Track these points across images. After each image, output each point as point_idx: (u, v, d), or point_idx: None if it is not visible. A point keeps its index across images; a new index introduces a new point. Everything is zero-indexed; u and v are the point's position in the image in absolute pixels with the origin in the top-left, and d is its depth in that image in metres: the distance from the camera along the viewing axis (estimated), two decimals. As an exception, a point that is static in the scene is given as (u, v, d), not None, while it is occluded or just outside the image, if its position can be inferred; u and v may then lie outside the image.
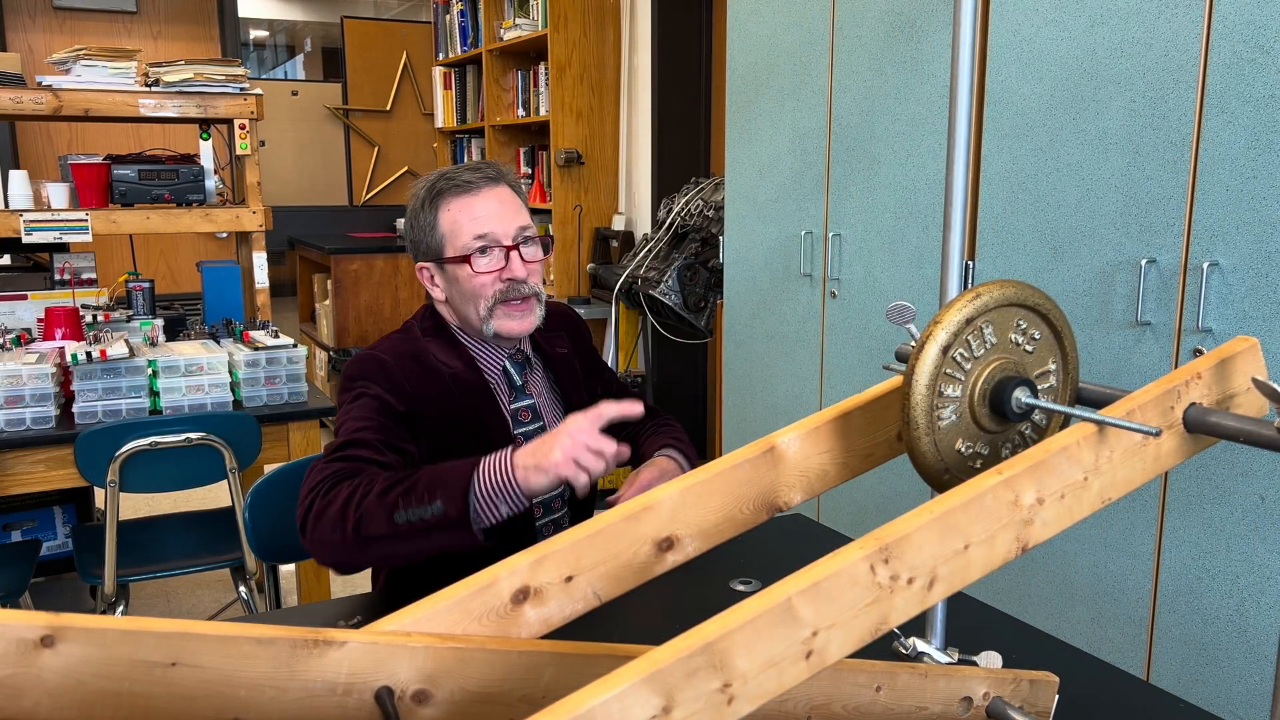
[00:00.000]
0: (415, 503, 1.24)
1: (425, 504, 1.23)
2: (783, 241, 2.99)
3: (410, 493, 1.25)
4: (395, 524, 1.24)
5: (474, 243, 1.51)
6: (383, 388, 1.49)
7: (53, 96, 2.90)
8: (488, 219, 1.52)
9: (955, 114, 0.97)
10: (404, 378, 1.51)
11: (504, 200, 1.54)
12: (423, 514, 1.23)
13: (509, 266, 1.52)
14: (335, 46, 6.74)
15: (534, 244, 1.56)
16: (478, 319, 1.54)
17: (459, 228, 1.52)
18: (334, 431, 1.49)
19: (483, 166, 1.57)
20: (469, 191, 1.53)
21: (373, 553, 1.29)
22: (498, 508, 1.24)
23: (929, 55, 2.45)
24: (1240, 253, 1.81)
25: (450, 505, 1.22)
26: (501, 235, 1.52)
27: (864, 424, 0.85)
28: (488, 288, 1.52)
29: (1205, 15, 1.84)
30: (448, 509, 1.22)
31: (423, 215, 1.56)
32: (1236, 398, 0.79)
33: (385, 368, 1.52)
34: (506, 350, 1.61)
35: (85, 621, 0.58)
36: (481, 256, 1.51)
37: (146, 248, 5.87)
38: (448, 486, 1.24)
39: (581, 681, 0.54)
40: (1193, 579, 1.94)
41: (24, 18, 5.73)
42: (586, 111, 4.53)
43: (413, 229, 1.59)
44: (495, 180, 1.55)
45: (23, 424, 2.30)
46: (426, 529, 1.23)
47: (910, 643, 0.98)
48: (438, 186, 1.55)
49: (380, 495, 1.26)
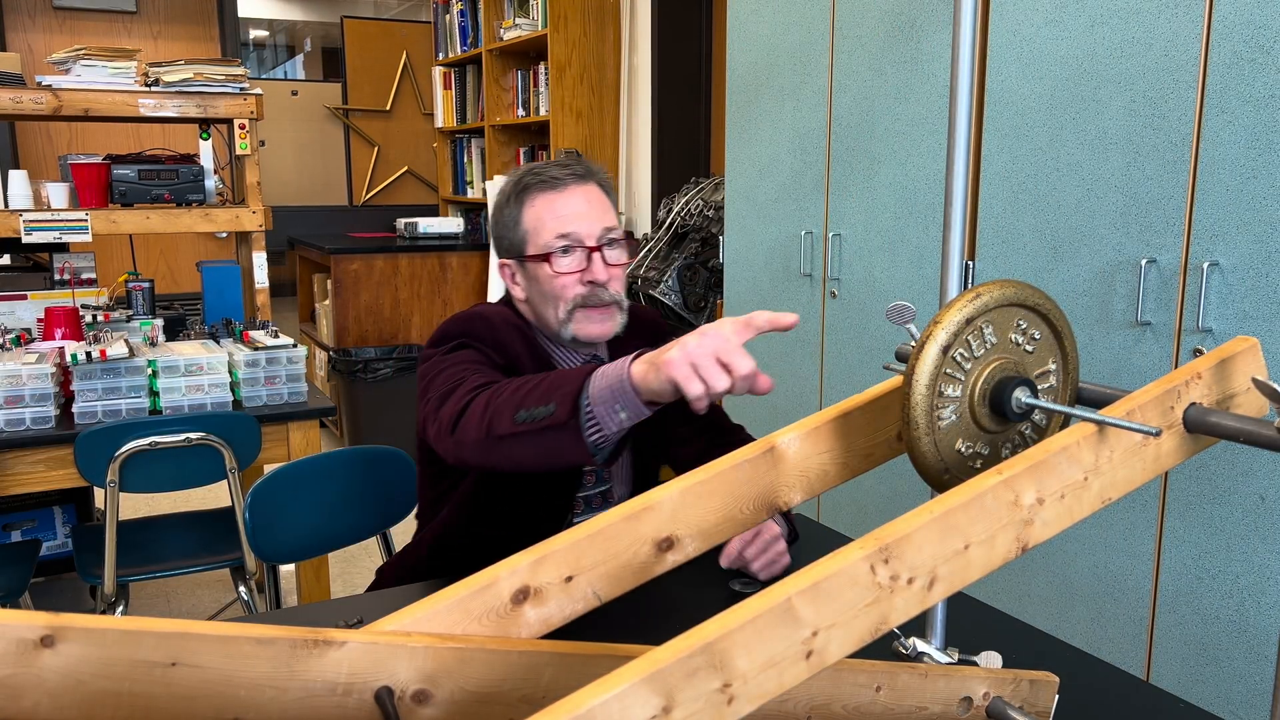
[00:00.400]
0: (535, 401, 1.15)
1: (542, 404, 1.14)
2: (783, 241, 2.99)
3: (533, 391, 1.17)
4: (516, 423, 1.16)
5: (556, 241, 1.46)
6: (486, 343, 1.45)
7: (52, 96, 2.90)
8: (572, 218, 1.47)
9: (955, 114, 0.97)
10: (508, 339, 1.48)
11: (591, 200, 1.49)
12: (538, 414, 1.14)
13: (590, 268, 1.47)
14: (335, 46, 6.74)
15: (619, 247, 1.51)
16: (555, 321, 1.49)
17: (542, 225, 1.48)
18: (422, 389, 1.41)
19: (572, 163, 1.52)
20: (555, 188, 1.49)
21: (501, 452, 1.21)
22: (615, 413, 1.10)
23: (929, 55, 2.45)
24: (1240, 253, 1.81)
25: (561, 406, 1.12)
26: (585, 235, 1.47)
27: (864, 424, 0.85)
28: (568, 289, 1.47)
29: (1205, 15, 1.84)
30: (558, 410, 1.12)
31: (508, 210, 1.52)
32: (1236, 398, 0.79)
33: (491, 324, 1.48)
34: (583, 355, 1.57)
35: (85, 621, 0.58)
36: (563, 256, 1.47)
37: (146, 248, 5.87)
38: (563, 386, 1.14)
39: (581, 681, 0.54)
40: (1193, 579, 1.94)
41: (24, 18, 5.73)
42: (586, 111, 4.53)
43: (497, 224, 1.55)
44: (583, 178, 1.50)
45: (22, 424, 2.30)
46: (540, 430, 1.14)
47: (910, 643, 0.98)
48: (524, 181, 1.51)
49: (513, 392, 1.20)
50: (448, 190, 5.95)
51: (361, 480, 2.04)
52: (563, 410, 1.11)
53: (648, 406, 1.09)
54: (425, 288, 5.03)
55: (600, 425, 1.10)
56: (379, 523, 2.05)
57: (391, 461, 2.06)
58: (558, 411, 1.12)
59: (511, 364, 1.46)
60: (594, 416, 1.10)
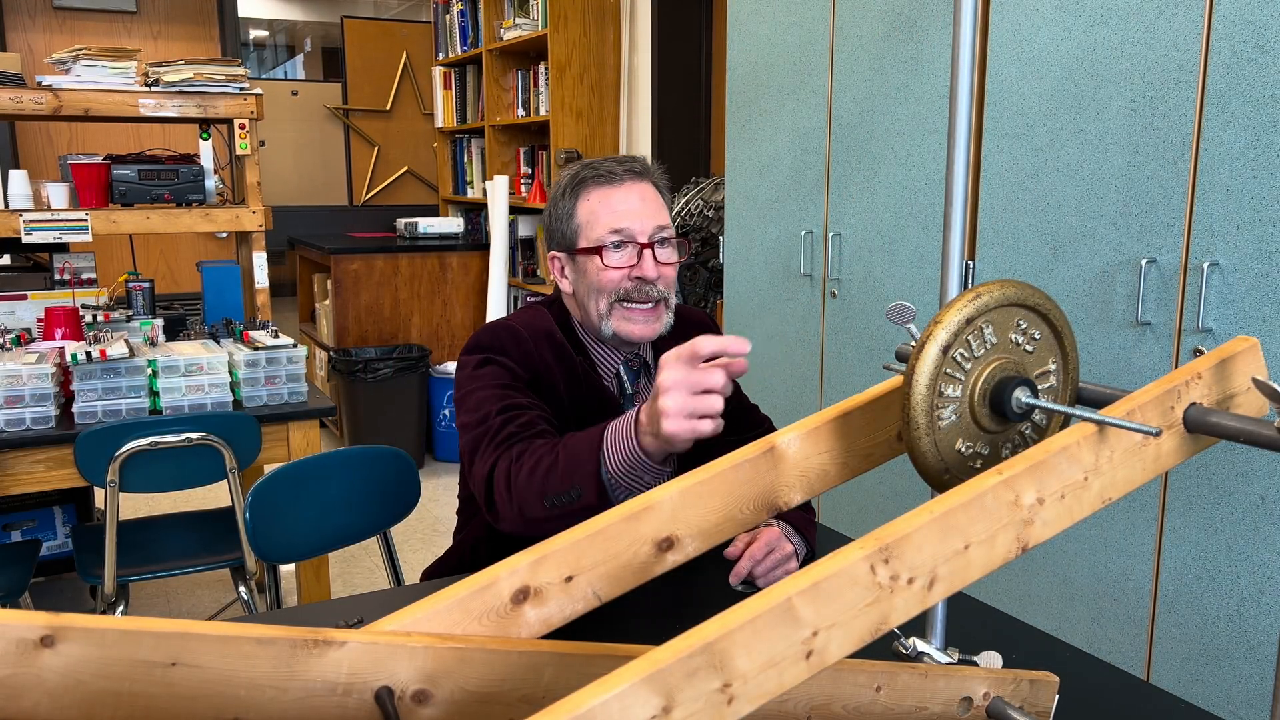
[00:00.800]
0: (559, 486, 1.21)
1: (567, 489, 1.20)
2: (783, 241, 2.99)
3: (552, 473, 1.22)
4: (548, 508, 1.22)
5: (609, 236, 1.47)
6: (512, 357, 1.47)
7: (53, 96, 2.90)
8: (626, 213, 1.48)
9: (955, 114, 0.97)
10: (535, 349, 1.48)
11: (645, 197, 1.50)
12: (567, 499, 1.20)
13: (640, 264, 1.47)
14: (335, 46, 6.74)
15: (670, 247, 1.51)
16: (597, 316, 1.50)
17: (596, 219, 1.49)
18: (456, 399, 1.47)
19: (629, 160, 1.53)
20: (611, 183, 1.50)
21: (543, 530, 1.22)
22: (640, 481, 1.17)
23: (929, 55, 2.45)
24: (1240, 253, 1.81)
25: (587, 490, 1.19)
26: (638, 232, 1.48)
27: (864, 424, 0.85)
28: (614, 283, 1.48)
29: (1205, 15, 1.84)
30: (585, 494, 1.18)
31: (563, 203, 1.53)
32: (1237, 398, 0.79)
33: (518, 337, 1.49)
34: (624, 355, 1.57)
35: (85, 621, 0.58)
36: (614, 251, 1.47)
37: (146, 248, 5.87)
38: (580, 467, 1.19)
39: (581, 681, 0.54)
40: (1193, 579, 1.94)
41: (24, 17, 5.73)
42: (586, 111, 4.53)
43: (550, 216, 1.56)
44: (640, 175, 1.51)
45: (23, 424, 2.30)
46: (576, 512, 1.18)
47: (910, 643, 0.98)
48: (581, 175, 1.52)
49: (529, 475, 1.24)
50: (448, 190, 5.95)
51: (361, 480, 2.04)
52: (590, 494, 1.18)
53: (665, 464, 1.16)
54: (425, 288, 5.03)
55: (631, 492, 1.17)
56: (379, 523, 2.05)
57: (391, 461, 2.06)
58: (586, 496, 1.18)
59: (537, 377, 1.47)
60: (621, 488, 1.18)
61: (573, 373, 1.50)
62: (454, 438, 4.83)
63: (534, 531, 1.24)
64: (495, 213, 4.86)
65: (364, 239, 5.43)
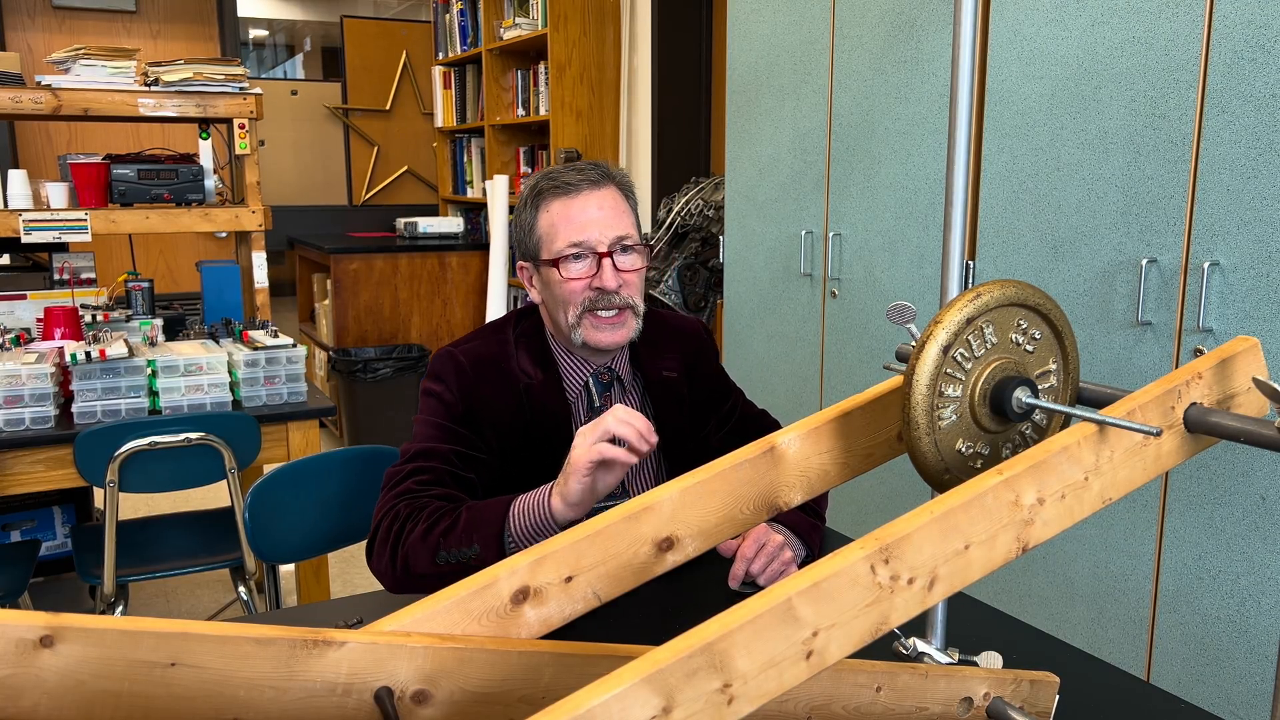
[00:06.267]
0: (454, 544, 1.27)
1: (463, 546, 1.26)
2: (783, 241, 2.99)
3: (450, 532, 1.28)
4: (437, 564, 1.27)
5: (567, 248, 1.46)
6: (450, 388, 1.49)
7: (52, 96, 2.90)
8: (584, 224, 1.47)
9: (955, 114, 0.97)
10: (475, 381, 1.49)
11: (605, 205, 1.49)
12: (461, 556, 1.26)
13: (600, 274, 1.46)
14: (335, 46, 6.74)
15: (632, 253, 1.50)
16: (566, 326, 1.50)
17: (555, 231, 1.48)
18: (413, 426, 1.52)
19: (587, 168, 1.52)
20: (568, 194, 1.49)
21: (421, 586, 1.29)
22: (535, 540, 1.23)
23: (929, 55, 2.44)
24: (1241, 252, 1.81)
25: (486, 549, 1.25)
26: (596, 242, 1.46)
27: (864, 424, 0.85)
28: (577, 295, 1.47)
29: (1205, 15, 1.84)
30: (484, 553, 1.24)
31: (524, 214, 1.54)
32: (1237, 398, 0.79)
33: (459, 369, 1.50)
34: (594, 365, 1.55)
35: (85, 622, 0.58)
36: (574, 262, 1.47)
37: (146, 247, 5.86)
38: (483, 528, 1.26)
39: (581, 681, 0.54)
40: (1193, 579, 1.94)
41: (23, 17, 5.73)
42: (586, 111, 4.53)
43: (516, 227, 1.57)
44: (598, 184, 1.50)
45: (22, 424, 2.30)
46: (465, 568, 1.23)
47: (910, 643, 0.98)
48: (539, 186, 1.52)
49: (425, 534, 1.29)
50: (447, 190, 5.95)
51: (361, 480, 2.04)
52: (489, 553, 1.24)
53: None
54: (425, 287, 5.03)
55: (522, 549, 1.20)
56: (379, 523, 2.05)
57: (391, 461, 2.05)
58: (484, 554, 1.24)
59: (471, 411, 1.48)
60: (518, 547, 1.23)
61: (518, 401, 1.50)
62: (454, 438, 4.83)
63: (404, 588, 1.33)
64: (495, 212, 4.85)
65: (364, 239, 5.43)
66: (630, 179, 1.58)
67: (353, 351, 4.75)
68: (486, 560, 1.21)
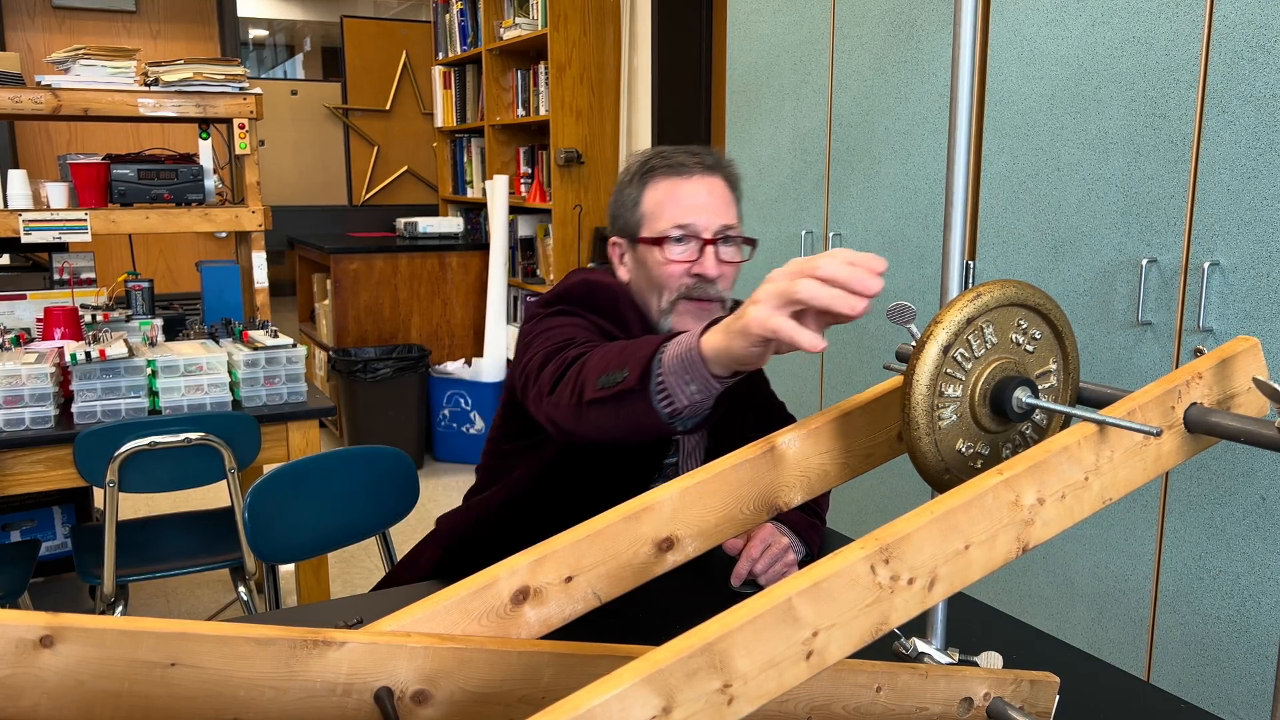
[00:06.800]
0: (614, 365, 1.09)
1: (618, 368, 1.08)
2: (783, 241, 2.99)
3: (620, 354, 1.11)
4: (598, 388, 1.11)
5: (672, 229, 1.42)
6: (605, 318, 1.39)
7: (52, 96, 2.90)
8: (693, 208, 1.43)
9: (955, 114, 0.97)
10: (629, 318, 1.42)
11: (714, 191, 1.45)
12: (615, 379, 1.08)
13: (701, 261, 1.42)
14: (335, 46, 6.74)
15: (735, 245, 1.46)
16: (657, 310, 1.45)
17: (661, 210, 1.44)
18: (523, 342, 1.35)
19: (702, 152, 1.48)
20: (680, 174, 1.45)
21: (588, 419, 1.14)
22: (685, 385, 1.01)
23: (929, 55, 2.44)
24: (1241, 252, 1.81)
25: (633, 372, 1.05)
26: (702, 228, 1.43)
27: (864, 424, 0.85)
28: (674, 279, 1.43)
29: (1205, 15, 1.84)
30: (630, 375, 1.05)
31: (629, 190, 1.49)
32: (1237, 398, 0.79)
33: (615, 301, 1.42)
34: None
35: (84, 622, 0.58)
36: (676, 244, 1.42)
37: (146, 247, 5.86)
38: (641, 350, 1.07)
39: (581, 681, 0.54)
40: (1193, 579, 1.94)
41: (23, 17, 5.73)
42: (586, 111, 4.53)
43: (616, 202, 1.52)
44: (711, 169, 1.46)
45: (22, 424, 2.30)
46: (617, 396, 1.07)
47: (911, 643, 0.98)
48: (651, 163, 1.48)
49: (602, 355, 1.15)
50: (447, 190, 5.95)
51: (361, 480, 2.04)
52: (634, 376, 1.04)
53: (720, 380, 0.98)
54: (425, 288, 5.03)
55: (671, 397, 1.02)
56: (379, 523, 2.05)
57: (391, 461, 2.06)
58: (629, 377, 1.05)
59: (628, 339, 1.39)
60: (665, 387, 1.02)
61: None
62: (453, 437, 4.83)
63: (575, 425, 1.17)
64: (495, 212, 4.85)
65: (363, 239, 5.43)
66: (738, 172, 1.53)
67: (353, 351, 4.75)
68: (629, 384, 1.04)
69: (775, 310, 0.84)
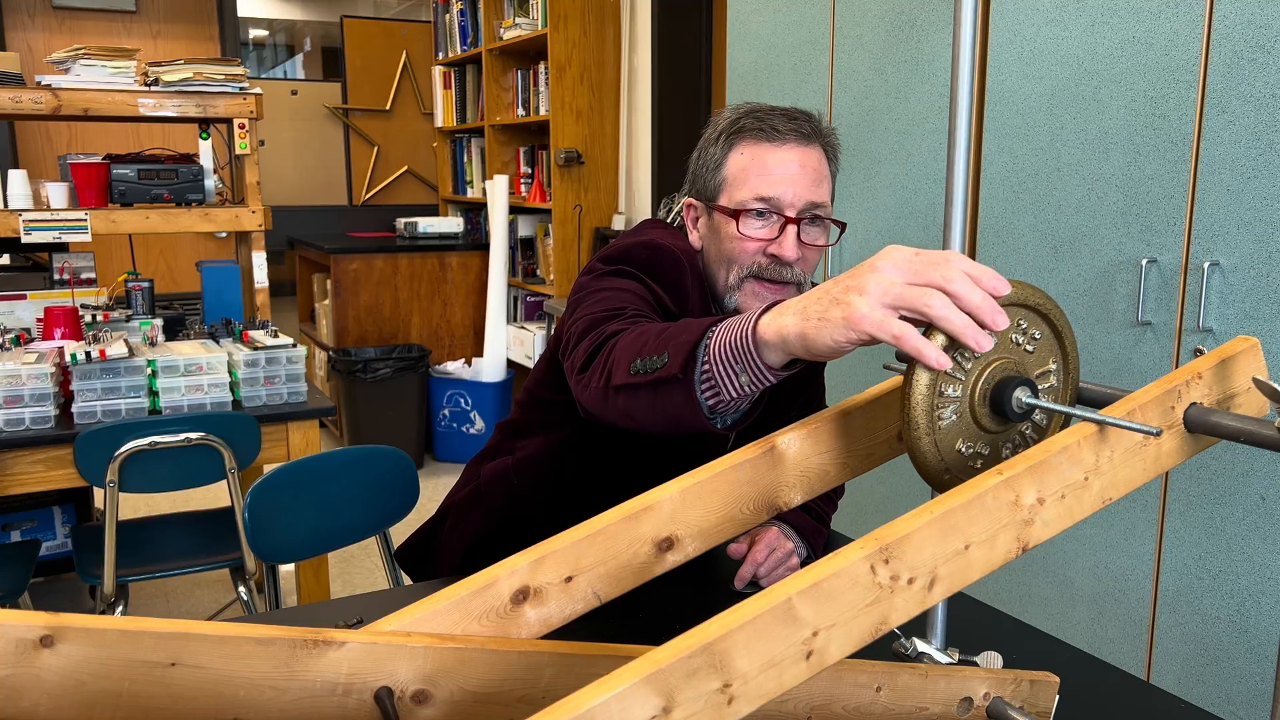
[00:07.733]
0: (652, 349, 0.98)
1: (657, 353, 0.96)
2: (782, 241, 2.99)
3: (657, 337, 1.00)
4: (630, 373, 0.99)
5: (753, 201, 1.28)
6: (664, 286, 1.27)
7: (52, 96, 2.90)
8: (780, 180, 1.28)
9: (955, 114, 0.97)
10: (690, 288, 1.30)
11: (807, 164, 1.30)
12: (652, 365, 0.96)
13: (780, 241, 1.28)
14: (335, 46, 6.74)
15: (820, 226, 1.32)
16: (724, 285, 1.32)
17: (745, 177, 1.30)
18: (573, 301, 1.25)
19: (800, 117, 1.32)
20: (772, 140, 1.30)
21: (616, 406, 1.04)
22: (734, 376, 0.88)
23: (929, 55, 2.44)
24: (1241, 252, 1.81)
25: (675, 357, 0.93)
26: (786, 203, 1.28)
27: (864, 424, 0.85)
28: (747, 256, 1.29)
29: (1205, 15, 1.84)
30: (670, 362, 0.93)
31: (713, 149, 1.34)
32: (1237, 398, 0.79)
33: (679, 268, 1.30)
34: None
35: (84, 622, 0.58)
36: (755, 219, 1.29)
37: (146, 247, 5.86)
38: (684, 334, 0.94)
39: (581, 681, 0.54)
40: (1193, 579, 1.94)
41: (23, 17, 5.73)
42: (586, 111, 4.53)
43: (698, 160, 1.37)
44: (807, 138, 1.31)
45: (22, 424, 2.30)
46: (652, 384, 0.96)
47: (911, 643, 0.98)
48: (741, 123, 1.32)
49: (632, 340, 1.03)
50: (447, 190, 5.95)
51: (361, 480, 2.04)
52: (675, 363, 0.92)
53: (774, 373, 0.86)
54: (425, 287, 5.03)
55: (716, 388, 0.90)
56: (379, 523, 2.05)
57: (391, 461, 2.06)
58: (670, 363, 0.92)
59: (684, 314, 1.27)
60: (710, 376, 0.90)
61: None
62: (453, 437, 4.83)
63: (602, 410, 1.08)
64: (495, 212, 4.85)
65: (364, 239, 5.43)
66: (839, 143, 1.38)
67: (353, 351, 4.75)
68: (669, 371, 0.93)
69: (891, 313, 0.72)
